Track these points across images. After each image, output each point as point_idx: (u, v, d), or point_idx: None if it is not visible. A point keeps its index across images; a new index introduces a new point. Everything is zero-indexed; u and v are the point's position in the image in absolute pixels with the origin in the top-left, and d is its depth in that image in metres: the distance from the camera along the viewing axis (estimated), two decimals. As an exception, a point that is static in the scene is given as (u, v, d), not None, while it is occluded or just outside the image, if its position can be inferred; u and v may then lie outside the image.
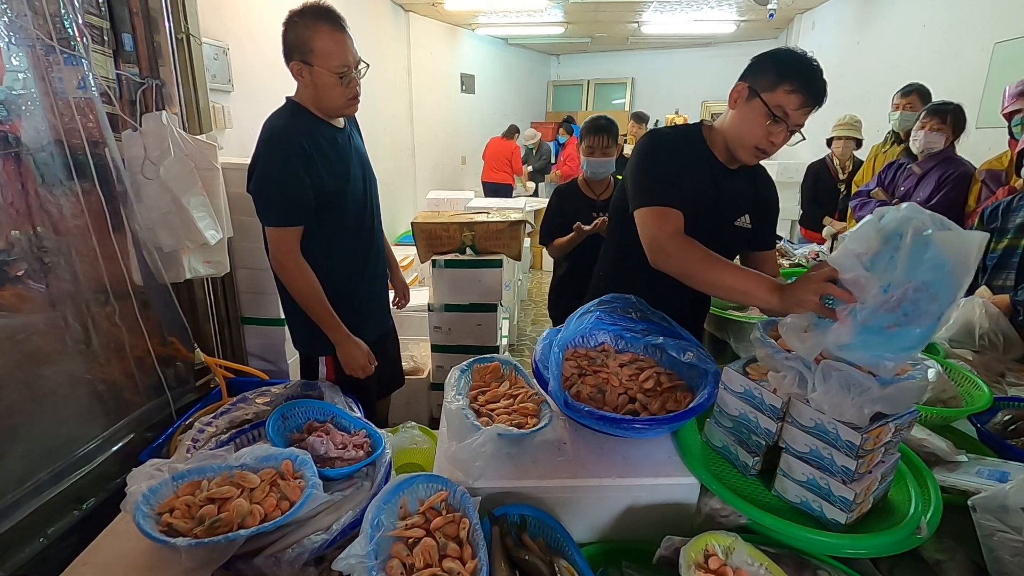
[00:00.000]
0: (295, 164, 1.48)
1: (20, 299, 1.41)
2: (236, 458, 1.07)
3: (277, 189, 1.49)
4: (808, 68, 1.22)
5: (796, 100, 1.21)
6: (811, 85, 1.21)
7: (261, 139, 1.54)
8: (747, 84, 1.27)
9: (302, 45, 1.48)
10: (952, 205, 2.33)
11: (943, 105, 2.40)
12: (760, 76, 1.25)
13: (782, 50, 1.27)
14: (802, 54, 1.25)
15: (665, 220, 1.22)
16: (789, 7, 5.99)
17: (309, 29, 1.47)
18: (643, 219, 1.25)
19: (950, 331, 1.66)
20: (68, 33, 1.50)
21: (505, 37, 8.15)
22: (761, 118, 1.24)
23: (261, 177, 1.50)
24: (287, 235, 1.52)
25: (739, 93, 1.29)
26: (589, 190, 2.32)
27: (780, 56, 1.25)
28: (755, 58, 1.29)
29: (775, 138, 1.25)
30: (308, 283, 1.55)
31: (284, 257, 1.53)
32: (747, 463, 0.99)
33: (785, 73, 1.21)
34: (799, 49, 1.26)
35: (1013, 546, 0.81)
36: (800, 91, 1.20)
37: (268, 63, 3.68)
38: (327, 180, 1.55)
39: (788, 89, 1.20)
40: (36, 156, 1.43)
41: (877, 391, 0.78)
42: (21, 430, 1.38)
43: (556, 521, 0.93)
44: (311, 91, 1.56)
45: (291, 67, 1.53)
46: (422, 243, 2.73)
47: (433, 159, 7.09)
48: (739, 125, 1.30)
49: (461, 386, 1.22)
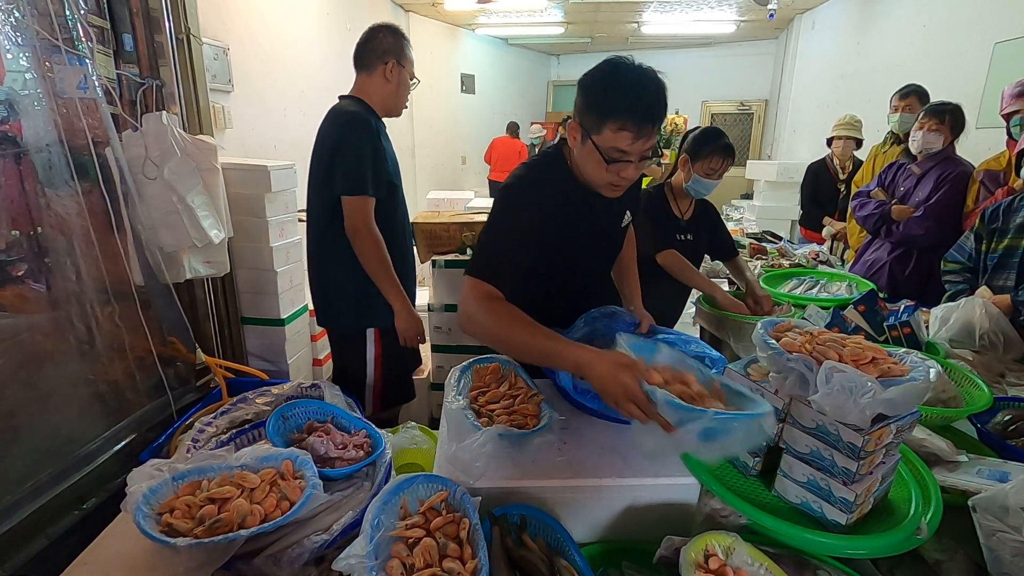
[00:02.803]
0: (376, 143, 1.73)
1: (21, 299, 1.41)
2: (236, 458, 1.07)
3: (364, 161, 1.69)
4: (627, 91, 1.08)
5: (627, 137, 1.09)
6: (636, 114, 1.07)
7: (340, 122, 1.75)
8: (578, 123, 1.15)
9: (400, 50, 1.81)
10: (950, 205, 2.34)
11: (941, 105, 2.40)
12: (585, 114, 1.13)
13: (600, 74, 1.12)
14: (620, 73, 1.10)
15: (474, 290, 1.13)
16: (789, 7, 6.00)
17: (403, 41, 1.84)
18: (463, 288, 1.16)
19: (950, 331, 1.66)
20: (72, 33, 1.50)
21: (505, 37, 8.15)
22: (599, 160, 1.13)
23: (348, 150, 1.69)
24: (367, 204, 1.70)
25: (574, 132, 1.18)
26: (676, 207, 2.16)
27: (594, 86, 1.11)
28: (579, 84, 1.15)
29: (624, 174, 1.15)
30: (381, 250, 1.73)
31: (362, 224, 1.70)
32: (747, 463, 0.99)
33: (604, 111, 1.09)
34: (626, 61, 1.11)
35: (1013, 546, 0.80)
36: (627, 126, 1.08)
37: (268, 63, 3.68)
38: (389, 165, 1.78)
39: (614, 128, 1.08)
40: (37, 156, 1.43)
41: (879, 393, 0.78)
42: (22, 430, 1.38)
43: (556, 521, 0.93)
44: (391, 89, 1.83)
45: (384, 66, 1.80)
46: (422, 243, 2.73)
47: (433, 159, 7.10)
48: (583, 167, 1.20)
49: (461, 386, 1.22)
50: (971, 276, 1.90)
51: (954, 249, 1.96)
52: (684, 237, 2.12)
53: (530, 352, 1.05)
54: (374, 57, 1.80)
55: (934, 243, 2.36)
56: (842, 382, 0.81)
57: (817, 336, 0.96)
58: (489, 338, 1.11)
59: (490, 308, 1.10)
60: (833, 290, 2.25)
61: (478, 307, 1.11)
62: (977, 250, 1.86)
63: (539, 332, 1.05)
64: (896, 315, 1.65)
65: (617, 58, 1.12)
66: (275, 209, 2.62)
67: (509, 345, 1.10)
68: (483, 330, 1.10)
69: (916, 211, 2.40)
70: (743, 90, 8.10)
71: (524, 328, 1.06)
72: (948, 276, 1.97)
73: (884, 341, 1.63)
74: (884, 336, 1.65)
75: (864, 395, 0.78)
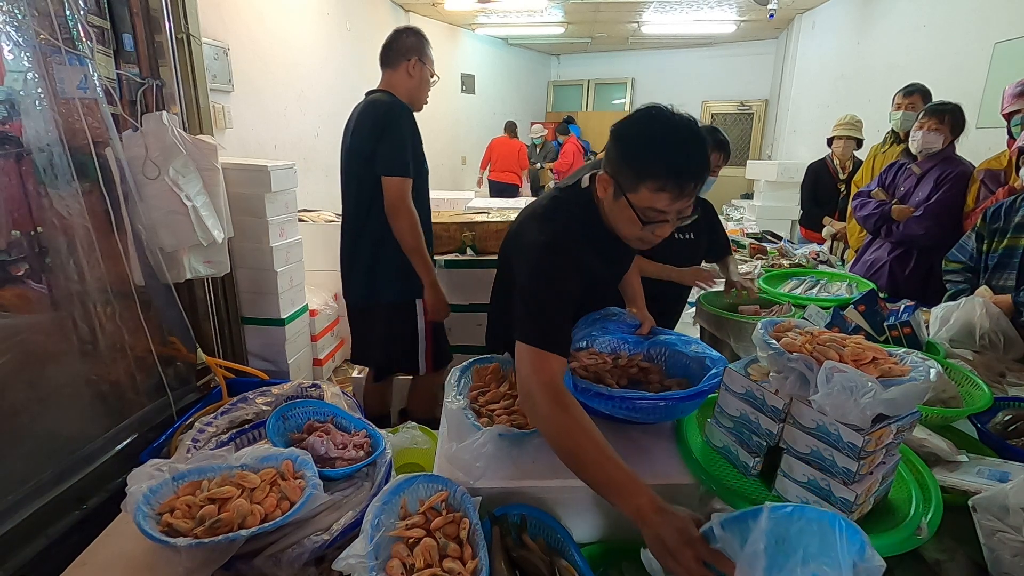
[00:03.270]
0: (415, 130, 1.93)
1: (21, 299, 1.41)
2: (236, 458, 1.07)
3: (406, 146, 1.87)
4: (671, 149, 0.99)
5: (666, 198, 1.00)
6: (680, 173, 0.99)
7: (383, 109, 1.90)
8: (610, 177, 1.06)
9: (421, 49, 1.98)
10: (950, 204, 2.33)
11: (941, 105, 2.40)
12: (621, 170, 1.04)
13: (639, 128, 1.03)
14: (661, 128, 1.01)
15: (544, 366, 0.98)
16: (789, 7, 5.99)
17: (424, 41, 2.00)
18: (522, 354, 1.02)
19: (951, 331, 1.66)
20: (72, 34, 1.51)
21: (505, 37, 8.15)
22: (633, 220, 1.05)
23: (392, 134, 1.86)
24: (406, 185, 1.86)
25: (605, 186, 1.08)
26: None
27: (635, 139, 1.03)
28: (613, 135, 1.06)
29: (659, 232, 1.07)
30: (416, 227, 1.90)
31: (402, 203, 1.86)
32: (748, 463, 0.98)
33: (643, 170, 1.00)
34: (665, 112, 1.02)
35: (1013, 546, 0.80)
36: (668, 187, 0.99)
37: (268, 63, 3.68)
38: (419, 152, 1.95)
39: (652, 188, 1.00)
40: (38, 156, 1.43)
41: (879, 393, 0.78)
42: (22, 430, 1.38)
43: (556, 521, 0.93)
44: (414, 83, 1.99)
45: (407, 64, 1.96)
46: (422, 243, 2.73)
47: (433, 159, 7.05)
48: (615, 221, 1.11)
49: (461, 386, 1.22)
50: (972, 276, 1.90)
51: (955, 249, 1.96)
52: (685, 236, 2.12)
53: (592, 478, 0.89)
54: (398, 55, 1.97)
55: (934, 243, 2.36)
56: (842, 382, 0.81)
57: (817, 336, 0.96)
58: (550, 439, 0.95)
59: (561, 410, 0.94)
60: (833, 290, 2.25)
61: (547, 401, 0.95)
62: (978, 249, 1.86)
63: (609, 459, 0.88)
64: (896, 315, 1.65)
65: (656, 109, 1.03)
66: (275, 209, 2.62)
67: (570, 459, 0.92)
68: (546, 429, 0.95)
69: (916, 211, 2.40)
70: (743, 90, 8.10)
71: (593, 448, 0.89)
72: (949, 276, 1.97)
73: (884, 341, 1.63)
74: (884, 336, 1.65)
75: (864, 395, 0.78)
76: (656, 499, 0.81)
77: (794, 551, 0.64)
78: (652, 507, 0.80)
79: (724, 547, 0.71)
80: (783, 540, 0.66)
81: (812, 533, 0.65)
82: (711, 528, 0.73)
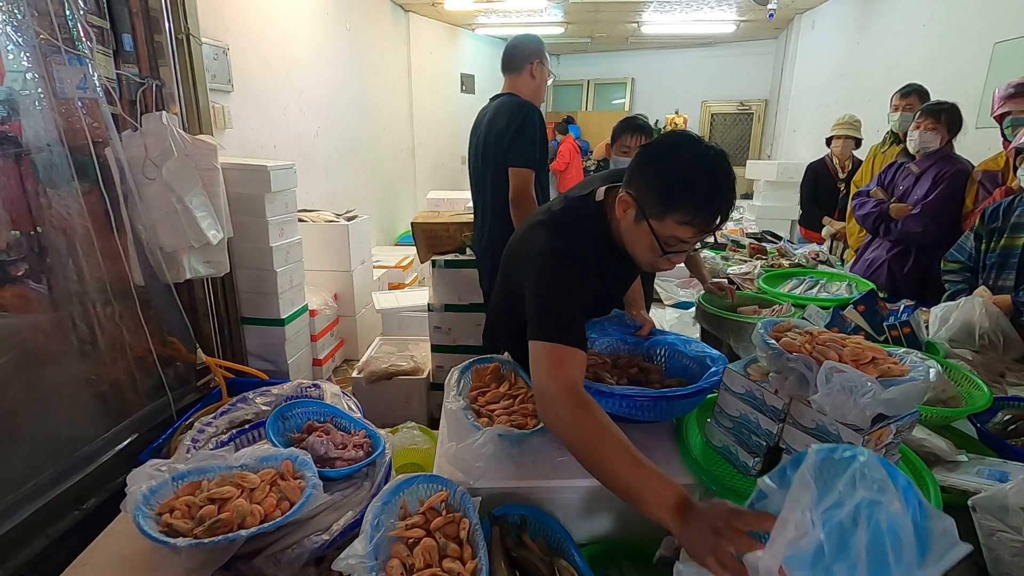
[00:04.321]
0: (543, 126, 2.15)
1: (21, 299, 1.41)
2: (236, 458, 1.07)
3: (536, 142, 2.07)
4: (702, 185, 0.97)
5: (691, 231, 1.00)
6: (707, 210, 0.98)
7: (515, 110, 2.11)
8: (633, 199, 1.04)
9: (541, 53, 2.22)
10: (947, 202, 2.34)
11: (937, 105, 2.41)
12: (646, 194, 1.01)
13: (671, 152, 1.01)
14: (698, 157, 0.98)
15: (563, 366, 0.95)
16: (789, 7, 5.99)
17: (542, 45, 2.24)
18: (537, 354, 0.98)
19: (950, 331, 1.66)
20: (72, 34, 1.51)
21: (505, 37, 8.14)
22: (652, 247, 1.04)
23: (528, 130, 2.07)
24: (530, 176, 2.06)
25: (625, 207, 1.06)
26: None
27: (666, 168, 1.00)
28: (644, 157, 1.04)
29: (675, 260, 1.08)
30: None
31: (525, 193, 2.04)
32: (747, 463, 0.99)
33: (672, 201, 0.98)
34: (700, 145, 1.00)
35: (1013, 546, 0.80)
36: (694, 222, 0.99)
37: (268, 63, 3.68)
38: (544, 147, 2.14)
39: (680, 220, 0.99)
40: (37, 156, 1.43)
41: (879, 393, 0.78)
42: (22, 431, 1.38)
43: (556, 521, 0.93)
44: (536, 83, 2.23)
45: (530, 66, 2.21)
46: (422, 243, 2.73)
47: (433, 159, 7.10)
48: (631, 243, 1.10)
49: (461, 386, 1.22)
50: (971, 276, 1.90)
51: (954, 249, 1.96)
52: None
53: (615, 481, 0.84)
54: (522, 59, 2.20)
55: (932, 241, 2.37)
56: (842, 382, 0.81)
57: (817, 336, 0.96)
58: (569, 443, 0.91)
59: (581, 411, 0.90)
60: (833, 290, 2.25)
61: (564, 398, 0.91)
62: (977, 249, 1.86)
63: (632, 460, 0.83)
64: (896, 315, 1.65)
65: (689, 138, 1.02)
66: (275, 209, 2.62)
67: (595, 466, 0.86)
68: (565, 432, 0.90)
69: (914, 209, 2.41)
70: (743, 90, 8.10)
71: (616, 451, 0.84)
72: (948, 276, 1.97)
73: (884, 341, 1.63)
74: (884, 336, 1.65)
75: (864, 395, 0.78)
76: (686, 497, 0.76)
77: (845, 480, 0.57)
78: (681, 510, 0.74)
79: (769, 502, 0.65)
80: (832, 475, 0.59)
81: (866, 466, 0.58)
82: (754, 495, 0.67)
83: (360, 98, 5.11)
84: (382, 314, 3.29)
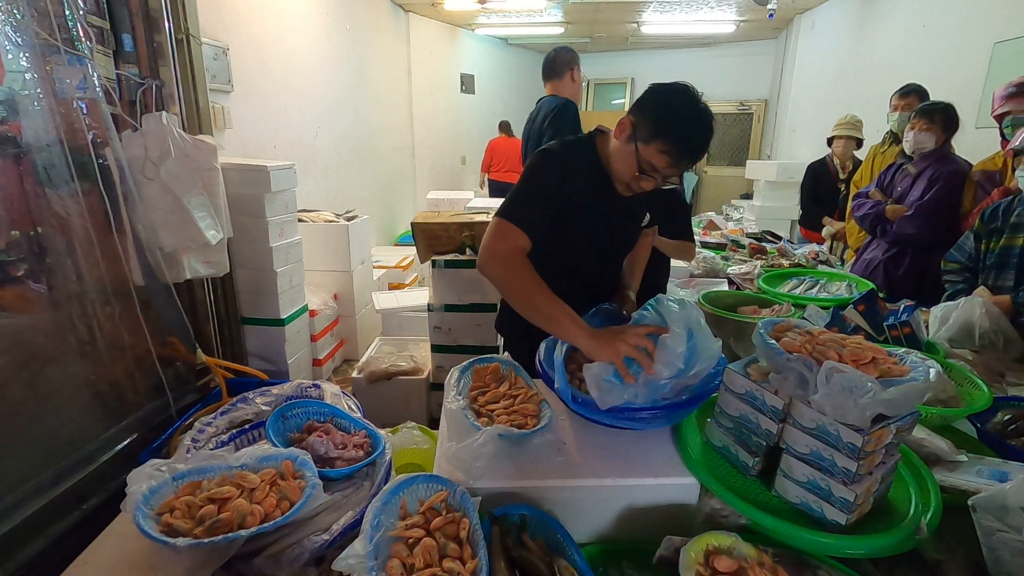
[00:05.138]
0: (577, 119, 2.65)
1: (21, 299, 1.41)
2: (236, 458, 1.07)
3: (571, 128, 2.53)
4: (686, 127, 1.19)
5: (665, 160, 1.20)
6: (683, 147, 1.19)
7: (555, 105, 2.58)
8: (631, 123, 1.24)
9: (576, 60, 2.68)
10: (942, 203, 2.34)
11: (931, 105, 2.41)
12: (642, 120, 1.22)
13: (672, 95, 1.22)
14: (689, 105, 1.20)
15: (505, 236, 1.23)
16: (789, 7, 5.99)
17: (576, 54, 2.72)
18: (491, 226, 1.26)
19: (950, 331, 1.66)
20: (72, 34, 1.50)
21: (505, 37, 8.15)
22: (632, 165, 1.24)
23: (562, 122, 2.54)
24: None
25: (623, 128, 1.26)
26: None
27: (664, 104, 1.21)
28: (648, 92, 1.25)
29: (644, 184, 1.27)
30: None
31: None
32: (747, 463, 0.99)
33: (661, 131, 1.19)
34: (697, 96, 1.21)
35: (1013, 546, 0.80)
36: (671, 153, 1.19)
37: (268, 63, 3.68)
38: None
39: (660, 148, 1.19)
40: (37, 156, 1.43)
41: (879, 393, 0.78)
42: (22, 431, 1.38)
43: (556, 521, 0.93)
44: (576, 87, 2.70)
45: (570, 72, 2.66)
46: (422, 243, 2.73)
47: (433, 159, 7.10)
48: (616, 159, 1.29)
49: (461, 386, 1.22)
50: (971, 276, 1.90)
51: (954, 249, 1.96)
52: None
53: (536, 312, 1.16)
54: (563, 66, 2.62)
55: (926, 242, 2.37)
56: (842, 382, 0.81)
57: (817, 336, 0.96)
58: (502, 285, 1.22)
59: (517, 264, 1.20)
60: (833, 290, 2.26)
61: (506, 259, 1.20)
62: (977, 250, 1.86)
63: (549, 297, 1.16)
64: (896, 315, 1.65)
65: (690, 90, 1.22)
66: (275, 209, 2.63)
67: (519, 299, 1.20)
68: (499, 275, 1.21)
69: (909, 210, 2.41)
70: (743, 90, 8.10)
71: (537, 289, 1.17)
72: (948, 276, 1.97)
73: (884, 341, 1.63)
74: (884, 336, 1.65)
75: (864, 395, 0.78)
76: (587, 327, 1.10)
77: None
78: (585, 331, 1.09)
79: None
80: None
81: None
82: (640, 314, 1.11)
83: (360, 98, 5.11)
84: (382, 314, 3.29)
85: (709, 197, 8.52)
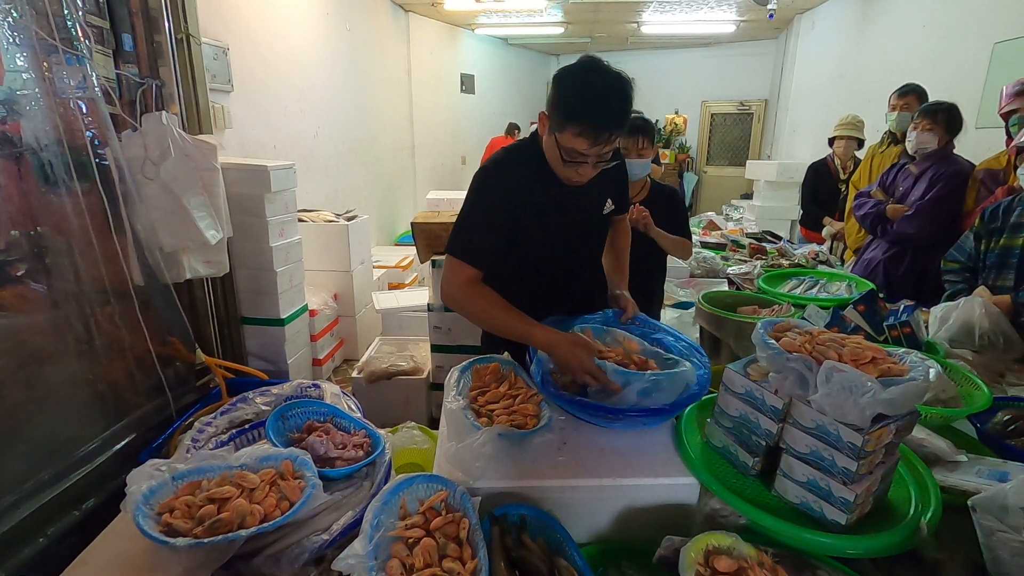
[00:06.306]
0: None
1: (21, 299, 1.41)
2: (236, 458, 1.07)
3: None
4: (592, 103, 1.12)
5: (584, 143, 1.14)
6: (596, 123, 1.12)
7: None
8: (546, 116, 1.21)
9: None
10: (943, 203, 2.33)
11: (934, 105, 2.41)
12: (552, 109, 1.18)
13: (571, 76, 1.16)
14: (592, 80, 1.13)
15: (455, 272, 1.26)
16: (789, 7, 5.99)
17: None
18: (444, 264, 1.30)
19: (950, 331, 1.66)
20: (71, 33, 1.50)
21: (505, 37, 8.15)
22: (557, 158, 1.21)
23: None
24: None
25: (543, 122, 1.24)
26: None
27: (566, 88, 1.15)
28: (554, 77, 1.19)
29: (581, 171, 1.21)
30: None
31: None
32: (747, 463, 0.98)
33: (570, 115, 1.13)
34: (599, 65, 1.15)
35: (1013, 546, 0.80)
36: (586, 133, 1.13)
37: (268, 63, 3.68)
38: None
39: (575, 132, 1.14)
40: (37, 156, 1.43)
41: (879, 393, 0.78)
42: (22, 430, 1.38)
43: (556, 521, 0.93)
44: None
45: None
46: (422, 243, 2.72)
47: (433, 159, 7.09)
48: (550, 158, 1.26)
49: (461, 386, 1.22)
50: (971, 276, 1.90)
51: (954, 248, 1.96)
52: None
53: (504, 331, 1.23)
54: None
55: (927, 241, 2.36)
56: (842, 382, 0.81)
57: (817, 336, 0.96)
58: (470, 318, 1.27)
59: (471, 293, 1.25)
60: (833, 290, 2.25)
61: (461, 291, 1.25)
62: (977, 249, 1.86)
63: (514, 315, 1.22)
64: (896, 315, 1.65)
65: (592, 60, 1.17)
66: (275, 209, 2.62)
67: (484, 324, 1.30)
68: (465, 312, 1.27)
69: (909, 210, 2.40)
70: (743, 90, 8.09)
71: (502, 311, 1.22)
72: (948, 275, 1.97)
73: (884, 341, 1.63)
74: (884, 336, 1.65)
75: (864, 395, 0.78)
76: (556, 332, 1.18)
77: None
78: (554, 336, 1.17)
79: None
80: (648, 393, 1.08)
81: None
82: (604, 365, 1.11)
83: (360, 98, 5.11)
84: (382, 314, 3.29)
85: (709, 197, 8.52)
